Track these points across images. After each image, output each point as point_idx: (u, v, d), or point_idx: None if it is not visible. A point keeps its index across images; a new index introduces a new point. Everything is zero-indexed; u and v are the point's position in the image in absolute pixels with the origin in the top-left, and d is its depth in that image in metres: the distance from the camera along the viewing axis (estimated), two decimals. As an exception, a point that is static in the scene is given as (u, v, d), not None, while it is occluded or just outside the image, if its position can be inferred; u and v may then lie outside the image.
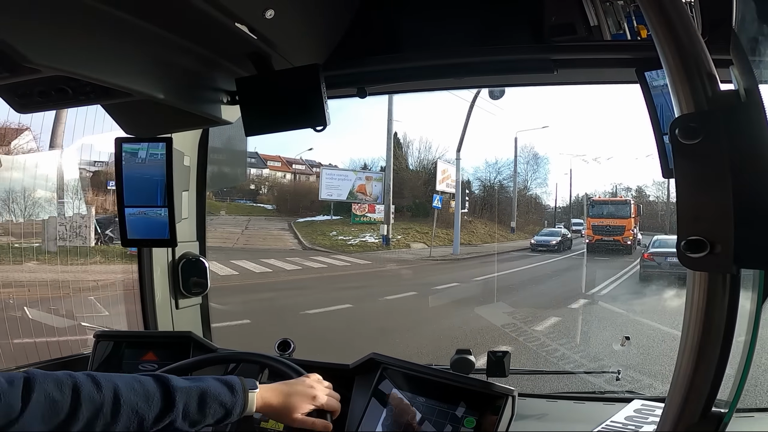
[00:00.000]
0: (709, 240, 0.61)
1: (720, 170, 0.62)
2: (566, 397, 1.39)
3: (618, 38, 1.16)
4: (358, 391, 1.24)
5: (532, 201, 26.77)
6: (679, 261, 0.63)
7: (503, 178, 25.61)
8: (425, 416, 1.13)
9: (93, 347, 1.41)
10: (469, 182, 25.01)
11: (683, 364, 0.66)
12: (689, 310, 0.65)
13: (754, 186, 0.60)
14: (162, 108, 1.18)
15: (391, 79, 1.39)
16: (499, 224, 23.17)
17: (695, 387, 0.66)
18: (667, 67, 0.66)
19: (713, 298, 0.63)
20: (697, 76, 0.64)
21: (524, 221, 24.65)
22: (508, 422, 1.07)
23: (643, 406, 1.21)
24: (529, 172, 26.61)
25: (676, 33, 0.64)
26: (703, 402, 0.66)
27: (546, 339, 6.41)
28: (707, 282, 0.63)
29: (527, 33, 1.25)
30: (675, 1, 0.65)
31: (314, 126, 1.24)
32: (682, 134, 0.63)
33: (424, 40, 1.32)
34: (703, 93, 0.64)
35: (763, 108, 0.63)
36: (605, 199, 19.50)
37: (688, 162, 0.64)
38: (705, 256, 0.61)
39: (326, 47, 1.35)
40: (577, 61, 1.25)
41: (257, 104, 1.24)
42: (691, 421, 0.67)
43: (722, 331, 0.63)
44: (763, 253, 0.60)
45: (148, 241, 1.43)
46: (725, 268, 0.61)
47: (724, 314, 0.62)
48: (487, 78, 1.51)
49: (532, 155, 26.20)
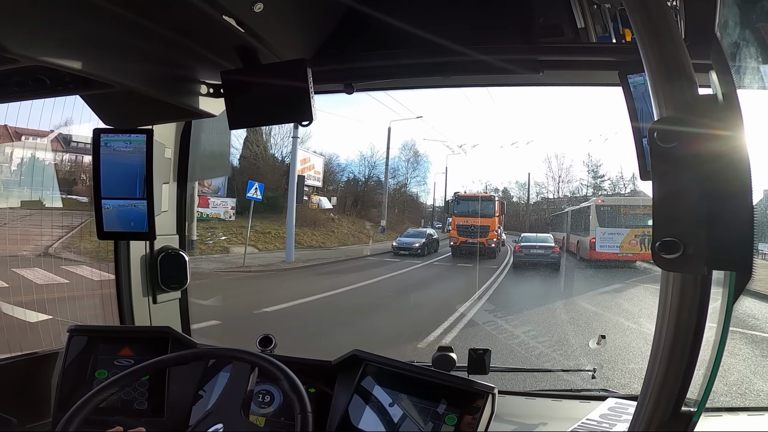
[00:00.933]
0: (682, 241, 0.62)
1: (695, 173, 0.62)
2: (544, 395, 1.41)
3: (603, 41, 1.17)
4: (341, 387, 1.24)
5: (408, 199, 26.01)
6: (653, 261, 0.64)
7: (380, 172, 24.14)
8: (407, 413, 1.13)
9: (66, 342, 1.36)
10: (337, 175, 23.87)
11: (656, 364, 0.67)
12: (662, 310, 0.65)
13: (727, 190, 0.61)
14: (143, 99, 1.17)
15: (379, 76, 1.39)
16: (372, 223, 21.57)
17: (666, 386, 0.67)
18: (649, 71, 0.66)
19: (685, 299, 0.64)
20: (677, 79, 0.65)
21: (400, 219, 23.33)
22: (488, 419, 1.08)
23: (617, 404, 1.24)
24: (409, 170, 25.77)
25: (660, 37, 0.65)
26: (673, 401, 0.67)
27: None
28: (680, 283, 0.64)
29: (516, 33, 1.26)
30: (661, 4, 0.66)
31: (300, 121, 1.23)
32: (660, 137, 0.64)
33: (413, 38, 1.32)
34: (682, 97, 0.65)
35: (740, 113, 0.64)
36: (471, 194, 17.68)
37: (665, 165, 0.65)
38: (678, 257, 0.62)
39: (315, 42, 1.34)
40: (563, 62, 1.26)
41: (242, 97, 1.22)
42: (662, 420, 0.68)
43: (693, 332, 0.64)
44: (734, 255, 0.61)
45: (125, 234, 1.40)
46: (697, 269, 0.62)
47: (695, 315, 0.63)
48: (475, 78, 1.51)
49: (412, 153, 25.56)
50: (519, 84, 1.47)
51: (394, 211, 23.99)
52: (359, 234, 20.63)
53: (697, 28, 0.99)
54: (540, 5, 1.24)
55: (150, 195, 1.32)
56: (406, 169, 25.52)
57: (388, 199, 22.88)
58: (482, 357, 1.27)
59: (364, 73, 1.39)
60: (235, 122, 1.24)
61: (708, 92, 0.71)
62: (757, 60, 0.88)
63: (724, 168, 0.61)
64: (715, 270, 0.62)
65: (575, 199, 20.88)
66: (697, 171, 0.62)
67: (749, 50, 0.86)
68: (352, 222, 21.30)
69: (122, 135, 1.31)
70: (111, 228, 1.35)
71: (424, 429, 1.10)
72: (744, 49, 0.85)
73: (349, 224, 20.99)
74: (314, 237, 18.44)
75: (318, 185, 21.01)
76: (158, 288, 1.60)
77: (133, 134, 1.31)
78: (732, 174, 0.61)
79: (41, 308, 4.24)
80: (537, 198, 25.14)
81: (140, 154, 1.31)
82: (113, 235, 1.40)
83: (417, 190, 26.63)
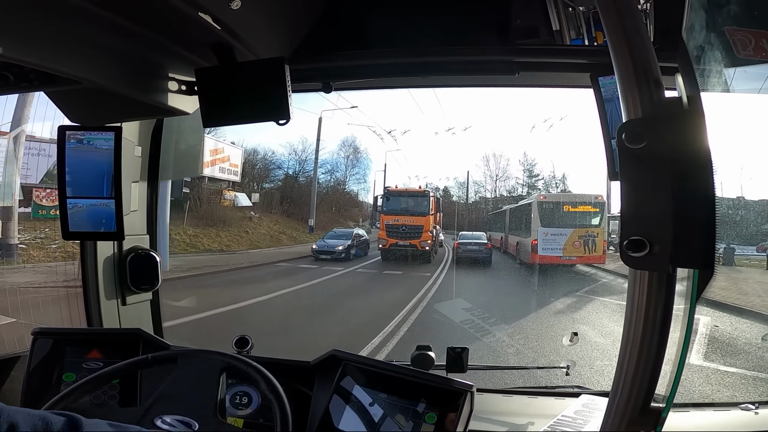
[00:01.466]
0: (649, 240, 0.63)
1: (661, 174, 0.64)
2: (521, 392, 1.43)
3: (576, 44, 1.20)
4: (320, 388, 1.24)
5: (347, 198, 24.33)
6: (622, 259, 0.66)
7: (312, 168, 22.04)
8: (387, 412, 1.13)
9: (31, 345, 1.31)
10: (276, 172, 21.92)
11: (625, 361, 0.69)
12: (630, 308, 0.67)
13: (691, 190, 0.63)
14: (112, 96, 1.13)
15: (357, 75, 1.39)
16: (303, 222, 19.46)
17: (636, 382, 0.69)
18: (618, 73, 0.68)
19: (652, 297, 0.65)
20: (645, 82, 0.67)
21: (336, 219, 21.39)
22: (467, 417, 1.09)
23: (590, 401, 1.27)
24: (348, 167, 23.88)
25: (630, 39, 0.66)
26: (642, 397, 0.69)
27: None
28: (647, 281, 0.65)
29: (493, 34, 1.27)
30: (632, 8, 0.68)
31: (277, 119, 1.22)
32: (628, 139, 0.65)
33: (391, 38, 1.32)
34: (649, 99, 0.67)
35: (704, 115, 0.66)
36: (402, 189, 15.53)
37: (632, 165, 0.66)
38: (645, 255, 0.63)
39: (293, 41, 1.33)
40: (537, 64, 1.28)
41: (217, 96, 1.21)
42: (632, 416, 0.70)
43: (659, 328, 0.65)
44: (697, 253, 0.63)
45: (92, 234, 1.36)
46: (663, 267, 0.64)
47: (661, 312, 0.65)
48: (452, 78, 1.52)
49: (352, 149, 23.60)
50: (495, 85, 1.49)
51: (331, 209, 22.45)
52: (280, 235, 18.16)
53: (666, 32, 1.01)
54: (517, 7, 1.25)
55: (118, 194, 1.29)
56: (346, 166, 24.10)
57: (324, 198, 21.78)
58: (460, 355, 1.28)
59: (343, 72, 1.39)
60: (209, 121, 1.22)
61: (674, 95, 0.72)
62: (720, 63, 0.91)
63: (688, 169, 0.63)
64: (679, 267, 0.64)
65: (512, 199, 20.08)
66: (663, 171, 0.64)
67: (714, 54, 0.88)
68: (275, 221, 18.84)
69: (89, 133, 1.28)
70: (77, 228, 1.31)
71: (404, 428, 1.10)
72: (709, 53, 0.87)
73: (272, 224, 18.55)
74: (218, 239, 15.85)
75: (235, 179, 18.70)
76: (127, 289, 1.56)
77: (100, 132, 1.28)
78: (695, 174, 0.63)
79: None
80: (476, 197, 24.91)
81: (108, 153, 1.27)
82: (79, 235, 1.36)
83: (357, 188, 24.97)
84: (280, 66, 1.19)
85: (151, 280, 1.58)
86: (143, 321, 1.63)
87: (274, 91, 1.18)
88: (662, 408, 0.70)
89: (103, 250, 1.51)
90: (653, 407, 0.70)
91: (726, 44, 0.95)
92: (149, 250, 1.60)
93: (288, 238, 18.15)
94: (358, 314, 7.79)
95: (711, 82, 0.83)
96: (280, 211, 20.01)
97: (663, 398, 0.72)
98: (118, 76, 1.06)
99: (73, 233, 1.32)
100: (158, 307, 1.69)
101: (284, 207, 20.35)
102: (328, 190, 23.26)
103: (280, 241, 17.58)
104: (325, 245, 14.90)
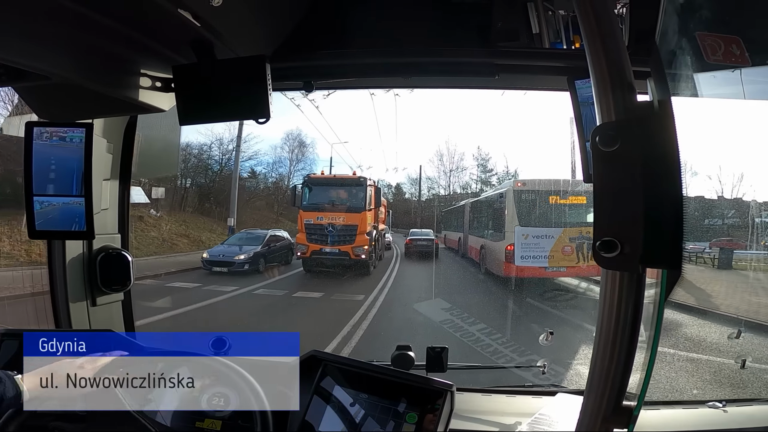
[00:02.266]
0: (620, 241, 0.65)
1: (632, 176, 0.66)
2: (499, 392, 1.45)
3: (555, 47, 1.21)
4: (300, 388, 1.23)
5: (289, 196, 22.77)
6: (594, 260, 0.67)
7: (254, 163, 19.66)
8: (368, 413, 1.13)
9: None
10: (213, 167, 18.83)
11: (598, 360, 0.70)
12: (602, 308, 0.68)
13: (661, 191, 0.65)
14: (84, 92, 1.10)
15: (339, 75, 1.38)
16: (221, 222, 15.93)
17: (608, 381, 0.70)
18: (594, 76, 0.69)
19: (623, 296, 0.67)
20: (619, 86, 0.68)
21: (273, 219, 18.29)
22: (448, 416, 1.09)
23: (566, 399, 1.29)
24: (294, 162, 21.09)
25: (605, 43, 0.68)
26: (615, 395, 0.70)
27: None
28: (618, 281, 0.67)
29: (474, 36, 1.28)
30: (609, 12, 0.69)
31: (256, 118, 1.20)
32: (601, 141, 0.67)
33: (374, 39, 1.32)
34: (622, 103, 0.68)
35: (673, 119, 0.68)
36: (329, 176, 11.72)
37: (605, 167, 0.68)
38: (616, 256, 0.65)
39: (275, 39, 1.31)
40: (517, 66, 1.29)
41: (195, 93, 1.18)
42: (606, 414, 0.72)
43: (629, 328, 0.67)
44: (666, 254, 0.64)
45: (60, 233, 1.32)
46: (633, 267, 0.65)
47: (631, 311, 0.67)
48: (433, 79, 1.53)
49: (297, 143, 20.69)
50: (475, 87, 1.50)
51: (273, 208, 19.96)
52: (179, 239, 14.33)
53: (640, 36, 1.04)
54: (499, 10, 1.27)
55: (88, 192, 1.26)
56: (291, 161, 21.45)
57: (263, 196, 19.32)
58: (440, 355, 1.29)
59: (324, 71, 1.38)
60: (186, 118, 1.20)
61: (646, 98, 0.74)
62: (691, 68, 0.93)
63: (657, 171, 0.65)
64: (648, 267, 0.65)
65: (466, 196, 18.47)
66: (634, 174, 0.65)
67: (685, 58, 0.91)
68: (182, 221, 15.48)
69: (58, 129, 1.24)
70: (44, 227, 1.28)
71: (385, 428, 1.10)
72: (680, 57, 0.90)
73: (175, 225, 15.05)
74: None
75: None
76: (98, 290, 1.52)
77: (70, 128, 1.24)
78: (664, 177, 0.65)
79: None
80: (429, 194, 24.49)
81: (78, 150, 1.24)
82: (46, 234, 1.33)
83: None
84: (260, 64, 1.17)
85: (122, 280, 1.54)
86: (114, 322, 1.59)
87: (253, 90, 1.17)
88: (634, 406, 0.72)
89: (72, 250, 1.47)
90: (625, 405, 0.72)
91: (696, 49, 0.98)
92: (121, 250, 1.56)
93: (190, 243, 14.27)
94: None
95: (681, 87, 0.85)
96: (198, 209, 16.91)
97: (634, 396, 0.73)
98: (90, 71, 1.03)
99: (40, 232, 1.29)
100: (130, 307, 1.65)
101: (206, 205, 17.33)
102: (268, 187, 20.69)
103: (175, 247, 13.71)
104: (220, 253, 10.80)
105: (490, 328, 6.09)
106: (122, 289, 1.56)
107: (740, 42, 1.00)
